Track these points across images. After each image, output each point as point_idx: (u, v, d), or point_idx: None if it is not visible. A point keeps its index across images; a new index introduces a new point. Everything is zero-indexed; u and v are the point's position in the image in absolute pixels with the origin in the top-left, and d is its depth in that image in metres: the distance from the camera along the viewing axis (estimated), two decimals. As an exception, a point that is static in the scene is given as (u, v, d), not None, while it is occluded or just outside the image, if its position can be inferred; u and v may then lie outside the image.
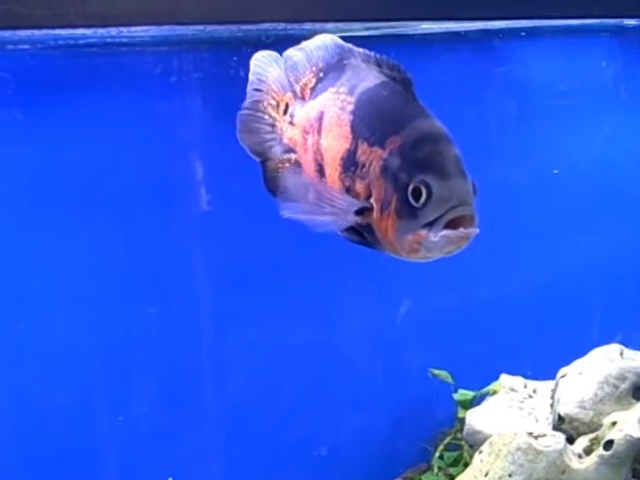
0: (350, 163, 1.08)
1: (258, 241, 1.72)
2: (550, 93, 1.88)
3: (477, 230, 1.01)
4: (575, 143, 1.90)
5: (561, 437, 1.49)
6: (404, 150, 1.03)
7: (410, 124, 1.04)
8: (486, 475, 1.52)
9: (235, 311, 1.74)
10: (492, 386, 1.80)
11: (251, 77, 1.21)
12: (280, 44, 1.19)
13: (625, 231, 1.97)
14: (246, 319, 1.75)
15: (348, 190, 1.08)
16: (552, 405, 1.68)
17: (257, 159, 1.21)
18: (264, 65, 1.21)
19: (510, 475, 1.49)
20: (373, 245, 1.10)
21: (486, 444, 1.59)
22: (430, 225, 1.00)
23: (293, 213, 1.11)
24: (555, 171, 1.88)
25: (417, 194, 1.00)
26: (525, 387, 1.76)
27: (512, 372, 1.87)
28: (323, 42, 1.15)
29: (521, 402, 1.73)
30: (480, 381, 1.88)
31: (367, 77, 1.09)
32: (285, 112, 1.20)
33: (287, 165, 1.19)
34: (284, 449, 1.82)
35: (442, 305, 1.94)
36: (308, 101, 1.16)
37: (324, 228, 1.09)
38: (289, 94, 1.19)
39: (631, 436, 1.48)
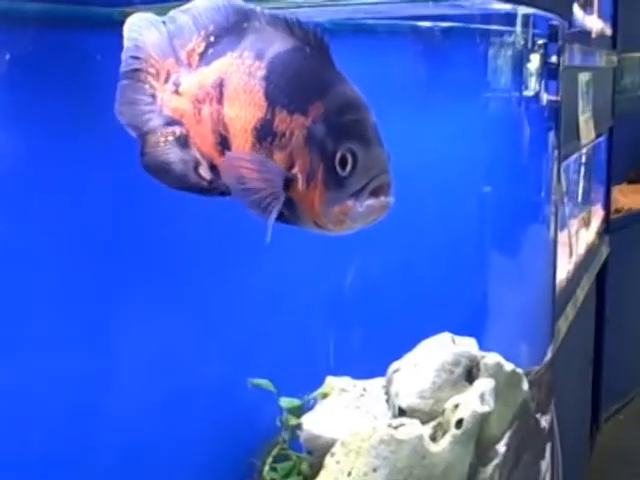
0: (266, 133, 1.02)
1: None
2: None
3: (393, 199, 1.02)
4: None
5: (418, 424, 1.54)
6: (328, 117, 1.00)
7: (332, 90, 1.02)
8: (349, 474, 1.52)
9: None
10: (322, 389, 1.82)
11: (127, 43, 1.12)
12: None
13: (420, 238, 2.07)
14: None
15: None
16: (388, 400, 1.73)
17: (134, 133, 1.12)
18: (140, 29, 1.12)
19: (375, 470, 1.50)
20: (293, 221, 1.06)
21: (337, 445, 1.60)
22: (356, 195, 1.00)
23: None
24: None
25: (344, 163, 0.99)
26: (355, 387, 1.80)
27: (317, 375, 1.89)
28: (214, 2, 1.08)
29: (356, 401, 1.76)
30: (297, 387, 1.89)
31: (276, 41, 1.04)
32: (166, 80, 1.11)
33: (170, 139, 1.10)
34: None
35: (252, 310, 1.91)
36: (197, 68, 1.09)
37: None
38: (170, 60, 1.11)
39: (476, 411, 1.57)
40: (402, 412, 1.66)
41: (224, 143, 1.05)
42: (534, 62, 2.16)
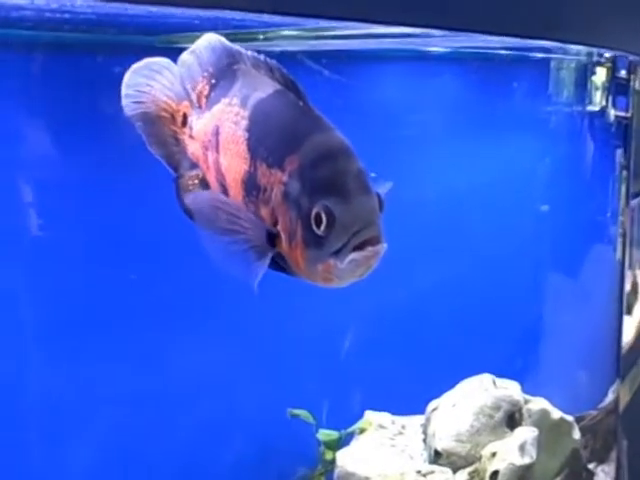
0: (252, 186, 0.98)
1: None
2: (395, 121, 1.86)
3: (385, 245, 0.94)
4: (420, 174, 1.89)
5: (449, 472, 1.48)
6: (303, 171, 0.93)
7: (307, 140, 0.94)
8: (376, 519, 1.48)
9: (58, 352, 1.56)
10: (360, 424, 1.76)
11: (135, 88, 1.09)
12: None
13: (476, 260, 1.99)
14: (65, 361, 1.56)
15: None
16: (425, 440, 1.67)
17: (171, 172, 1.10)
18: (151, 73, 1.09)
19: (401, 516, 1.45)
20: (293, 274, 1.00)
21: (367, 486, 1.55)
22: (337, 253, 0.93)
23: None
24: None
25: (319, 221, 0.92)
26: (393, 423, 1.73)
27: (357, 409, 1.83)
28: (210, 43, 1.04)
29: (392, 439, 1.70)
30: (338, 420, 1.84)
31: (259, 86, 0.99)
32: (184, 123, 1.09)
33: (196, 182, 1.08)
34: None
35: (294, 340, 1.87)
36: (204, 111, 1.06)
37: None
38: (185, 103, 1.08)
39: (513, 464, 1.50)
40: (438, 454, 1.59)
41: (226, 192, 1.02)
42: (600, 75, 2.04)
